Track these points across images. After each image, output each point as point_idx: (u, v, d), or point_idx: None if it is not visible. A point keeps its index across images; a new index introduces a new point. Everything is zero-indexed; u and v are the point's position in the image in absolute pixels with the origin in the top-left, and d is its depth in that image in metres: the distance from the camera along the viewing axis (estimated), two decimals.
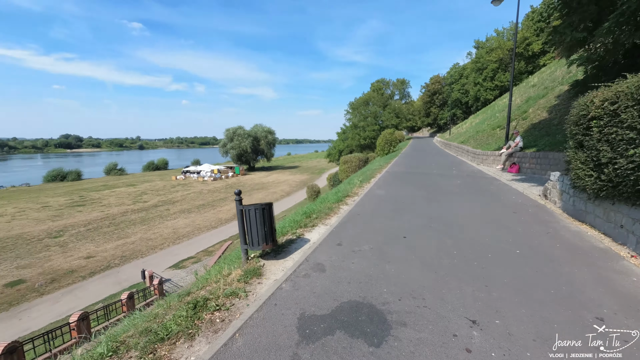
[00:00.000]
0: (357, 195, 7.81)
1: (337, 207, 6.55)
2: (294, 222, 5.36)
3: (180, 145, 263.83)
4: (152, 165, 75.82)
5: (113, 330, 2.81)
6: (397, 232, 4.75)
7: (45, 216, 31.58)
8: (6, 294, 16.70)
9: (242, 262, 3.75)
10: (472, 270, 3.42)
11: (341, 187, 9.54)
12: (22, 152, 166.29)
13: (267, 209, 3.69)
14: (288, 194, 44.93)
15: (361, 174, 13.24)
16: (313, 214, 5.86)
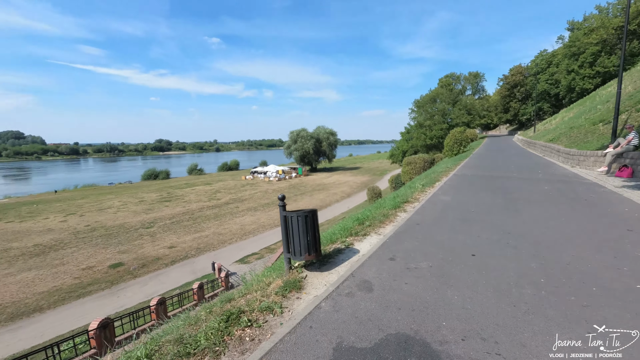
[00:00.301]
0: (417, 202, 7.08)
1: (394, 214, 5.97)
2: (344, 230, 5.00)
3: (250, 148, 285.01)
4: (225, 166, 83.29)
5: (156, 332, 2.84)
6: (463, 248, 4.03)
7: (140, 209, 36.90)
8: (110, 274, 19.83)
9: (285, 272, 3.55)
10: (568, 308, 2.61)
11: (400, 192, 8.82)
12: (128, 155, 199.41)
13: (310, 217, 3.42)
14: (349, 196, 44.62)
15: (425, 177, 12.18)
16: (366, 221, 5.42)
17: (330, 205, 39.24)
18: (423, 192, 8.35)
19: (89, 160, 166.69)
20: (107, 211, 36.21)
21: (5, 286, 17.82)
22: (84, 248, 24.09)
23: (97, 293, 17.53)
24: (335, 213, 34.40)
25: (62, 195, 50.01)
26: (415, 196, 7.66)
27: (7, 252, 23.11)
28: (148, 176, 66.81)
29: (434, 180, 10.44)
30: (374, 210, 6.31)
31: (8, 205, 40.86)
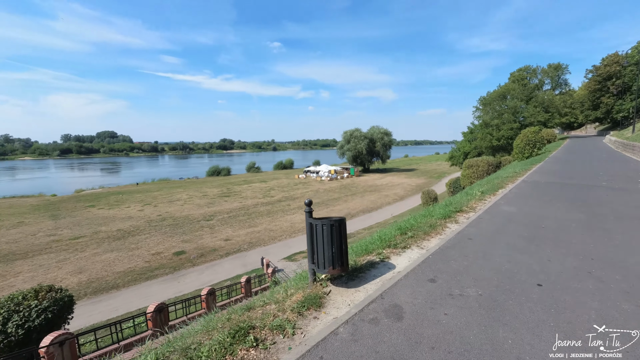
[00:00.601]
0: (473, 211, 6.20)
1: (443, 224, 5.28)
2: (381, 239, 4.52)
3: (305, 147, 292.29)
4: (280, 165, 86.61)
5: (174, 334, 2.79)
6: (527, 275, 3.29)
7: (203, 203, 40.16)
8: (173, 261, 21.85)
9: (309, 283, 3.27)
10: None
11: (454, 199, 7.89)
12: (196, 152, 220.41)
13: (336, 226, 3.07)
14: (401, 198, 42.74)
15: (487, 182, 10.80)
16: (409, 231, 4.86)
17: (382, 207, 38.01)
18: (482, 200, 7.33)
19: (165, 157, 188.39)
20: (175, 203, 40.17)
21: (93, 264, 20.76)
22: (154, 235, 26.96)
23: (162, 277, 19.39)
24: (386, 216, 33.18)
25: (142, 187, 57.07)
26: (472, 205, 6.74)
27: (97, 234, 26.98)
28: (212, 172, 72.68)
29: (496, 186, 9.18)
30: (420, 218, 5.66)
31: (101, 194, 47.99)
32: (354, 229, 28.89)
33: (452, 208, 6.30)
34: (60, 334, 6.75)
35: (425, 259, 3.79)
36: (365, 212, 35.75)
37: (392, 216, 32.61)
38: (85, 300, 16.58)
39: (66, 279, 18.60)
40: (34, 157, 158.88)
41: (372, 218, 33.05)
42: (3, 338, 7.08)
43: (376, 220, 31.71)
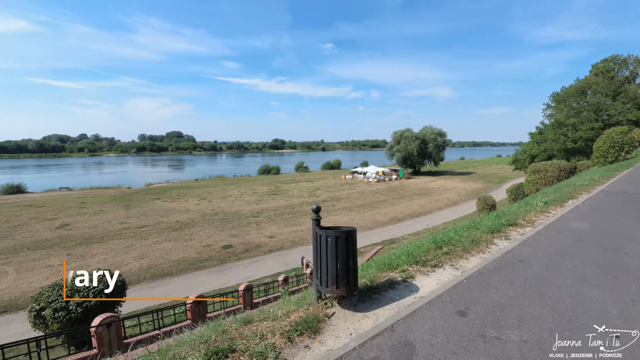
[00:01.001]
0: (531, 225, 5.19)
1: (489, 240, 4.46)
2: (409, 254, 3.93)
3: (354, 148, 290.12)
4: (328, 165, 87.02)
5: (167, 341, 2.64)
6: (597, 319, 2.50)
7: (252, 200, 41.96)
8: (221, 254, 23.05)
9: (313, 301, 2.89)
10: None
11: (510, 209, 6.78)
12: (250, 152, 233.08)
13: (342, 239, 2.65)
14: (454, 204, 39.74)
15: (554, 191, 9.20)
16: (445, 245, 4.17)
17: (431, 212, 35.75)
18: (544, 212, 6.16)
19: (223, 156, 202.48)
20: (228, 199, 42.61)
21: (153, 252, 22.82)
22: (207, 228, 28.80)
23: (209, 268, 20.53)
24: (435, 222, 31.07)
25: (200, 183, 61.82)
26: (530, 217, 5.68)
27: (159, 225, 29.71)
28: (262, 171, 75.90)
29: (565, 196, 7.72)
30: (462, 231, 4.89)
31: (166, 188, 53.05)
32: (400, 234, 27.57)
33: (504, 220, 5.36)
34: (108, 317, 7.30)
35: (458, 282, 3.14)
36: (413, 216, 33.96)
37: (443, 222, 30.42)
38: (144, 284, 18.25)
39: (130, 263, 20.67)
40: (116, 154, 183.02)
41: (420, 223, 31.26)
42: (65, 314, 7.92)
43: (424, 226, 29.90)
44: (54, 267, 19.83)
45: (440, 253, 3.95)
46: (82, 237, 25.60)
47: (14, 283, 17.61)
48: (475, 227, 5.12)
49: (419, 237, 24.93)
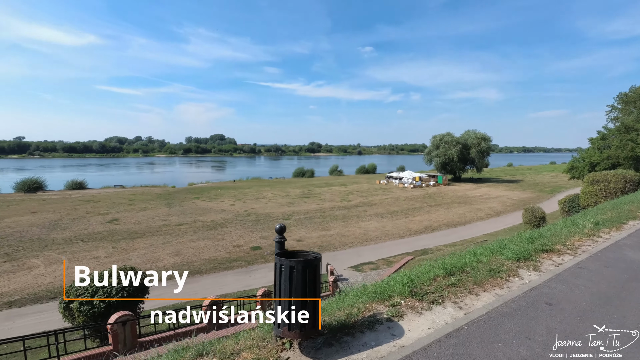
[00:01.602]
0: (571, 253, 4.30)
1: (511, 270, 3.72)
2: (407, 283, 3.35)
3: (391, 152, 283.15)
4: (363, 169, 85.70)
5: None
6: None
7: (285, 202, 42.48)
8: (249, 255, 23.45)
9: (272, 337, 2.49)
10: None
11: (550, 229, 5.76)
12: (287, 154, 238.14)
13: (298, 270, 2.22)
14: (497, 214, 36.71)
15: (612, 208, 7.78)
16: (455, 273, 3.54)
17: (471, 222, 33.35)
18: (593, 235, 5.13)
19: (261, 158, 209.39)
20: (261, 200, 43.60)
21: (187, 249, 23.88)
22: (239, 229, 29.59)
23: (237, 269, 20.95)
24: (474, 233, 28.88)
25: (237, 184, 64.21)
26: (573, 242, 4.74)
27: (195, 223, 31.15)
28: (297, 174, 76.90)
29: (625, 215, 6.45)
30: (481, 255, 4.16)
31: (205, 188, 55.82)
32: (434, 244, 26.00)
33: (538, 244, 4.51)
34: (123, 315, 7.54)
35: (456, 329, 2.55)
36: (449, 226, 31.95)
37: (483, 234, 28.14)
38: (174, 281, 19.09)
39: (165, 259, 21.79)
40: (166, 155, 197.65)
41: (457, 234, 29.27)
42: (90, 308, 8.37)
43: (461, 237, 27.94)
44: (100, 258, 21.54)
45: (447, 284, 3.34)
46: (127, 231, 27.62)
47: (67, 271, 19.36)
48: (499, 251, 4.36)
49: (455, 249, 23.32)
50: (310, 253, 2.38)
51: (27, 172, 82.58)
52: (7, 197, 44.56)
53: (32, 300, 16.03)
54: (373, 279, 19.19)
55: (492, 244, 4.91)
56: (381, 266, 21.52)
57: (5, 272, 19.00)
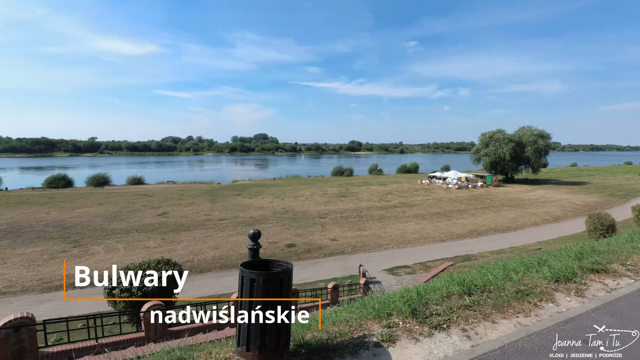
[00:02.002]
0: (631, 275, 3.50)
1: (546, 293, 3.10)
2: (412, 298, 2.92)
3: (436, 151, 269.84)
4: (404, 168, 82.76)
5: None
6: None
7: (321, 201, 42.58)
8: (284, 252, 23.84)
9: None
10: None
11: (609, 243, 4.82)
12: (327, 153, 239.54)
13: (259, 283, 1.98)
14: (556, 220, 32.96)
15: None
16: (474, 293, 3.03)
17: (523, 228, 30.41)
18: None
19: (302, 157, 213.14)
20: (299, 198, 44.21)
21: (227, 243, 24.97)
22: (275, 226, 30.26)
23: None
24: (527, 239, 26.26)
25: (277, 182, 65.97)
26: (635, 261, 3.87)
27: (235, 219, 32.52)
28: (335, 172, 76.78)
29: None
30: (512, 271, 3.54)
31: (247, 185, 58.20)
32: (478, 250, 24.13)
33: (588, 262, 3.75)
34: (154, 304, 7.97)
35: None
36: (497, 231, 29.45)
37: (536, 242, 25.43)
38: (214, 272, 20.05)
39: (206, 252, 23.00)
40: (213, 153, 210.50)
41: (505, 240, 26.88)
42: (128, 295, 9.02)
43: (511, 244, 25.59)
44: (150, 248, 23.41)
45: (459, 305, 2.86)
46: (175, 224, 29.74)
47: (121, 259, 21.35)
48: (535, 267, 3.70)
49: (502, 257, 21.38)
50: (283, 264, 2.14)
51: (98, 168, 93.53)
52: (79, 190, 50.84)
53: (91, 283, 17.91)
54: (408, 284, 18.30)
55: (530, 257, 4.21)
56: (417, 271, 20.48)
57: (73, 256, 21.50)
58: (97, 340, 7.37)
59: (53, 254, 21.64)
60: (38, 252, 21.94)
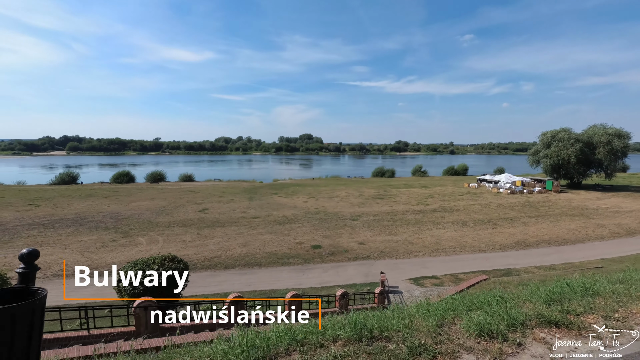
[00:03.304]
0: (596, 336, 2.56)
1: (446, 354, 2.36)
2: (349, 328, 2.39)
3: (491, 152, 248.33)
4: (451, 170, 77.51)
5: None
6: None
7: (356, 202, 41.75)
8: (309, 253, 23.72)
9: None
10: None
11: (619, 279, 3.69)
12: (372, 153, 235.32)
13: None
14: (629, 234, 28.07)
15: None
16: (501, 331, 2.40)
17: (584, 242, 26.46)
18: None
19: (345, 157, 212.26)
20: (334, 199, 43.92)
21: (255, 241, 25.64)
22: (305, 226, 30.36)
23: (294, 265, 21.42)
24: (587, 256, 22.79)
25: (315, 182, 66.43)
26: (626, 313, 2.84)
27: (268, 217, 33.36)
28: (376, 173, 74.88)
29: None
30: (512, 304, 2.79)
31: (286, 185, 59.56)
32: (523, 264, 21.55)
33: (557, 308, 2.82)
34: (146, 300, 8.34)
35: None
36: (551, 243, 26.03)
37: (598, 259, 21.82)
38: (237, 269, 20.67)
39: (234, 248, 23.85)
40: (260, 153, 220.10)
41: (560, 254, 23.65)
42: (132, 289, 9.58)
43: (566, 259, 22.44)
44: (185, 242, 25.01)
45: (455, 345, 2.25)
46: (212, 220, 31.48)
47: (159, 250, 23.11)
48: (555, 296, 2.87)
49: (552, 274, 18.75)
50: (37, 291, 1.70)
51: (161, 166, 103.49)
52: (139, 185, 56.73)
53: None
54: (432, 296, 16.87)
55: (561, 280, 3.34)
56: (446, 282, 18.87)
57: (120, 245, 23.88)
58: (89, 330, 7.91)
59: (104, 242, 24.28)
60: (94, 240, 24.81)
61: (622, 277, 4.36)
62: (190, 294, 15.41)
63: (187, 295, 14.75)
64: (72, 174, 55.28)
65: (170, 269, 10.33)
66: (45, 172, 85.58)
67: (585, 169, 48.87)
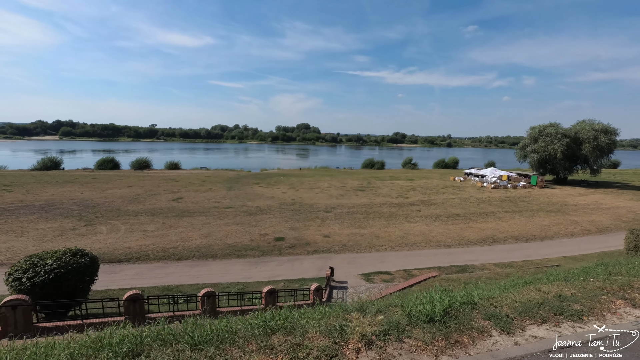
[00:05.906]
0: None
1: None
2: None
3: (488, 145, 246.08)
4: (441, 163, 76.77)
5: None
6: None
7: (336, 194, 41.23)
8: (269, 245, 23.32)
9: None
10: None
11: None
12: (368, 144, 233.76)
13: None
14: (601, 231, 27.65)
15: None
16: None
17: (553, 238, 26.09)
18: None
19: (342, 147, 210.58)
20: (314, 190, 43.42)
21: (218, 232, 25.25)
22: (276, 217, 29.95)
23: (249, 258, 21.09)
24: (550, 253, 22.49)
25: (302, 172, 65.78)
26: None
27: (241, 207, 32.93)
28: (366, 165, 74.23)
29: None
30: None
31: (271, 174, 58.97)
32: (482, 261, 21.24)
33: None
34: (14, 299, 7.94)
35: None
36: (519, 239, 25.68)
37: (562, 256, 21.43)
38: (190, 261, 20.33)
39: (195, 239, 23.47)
40: (257, 142, 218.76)
41: (524, 250, 23.35)
42: (18, 284, 9.20)
43: (528, 256, 22.17)
44: (147, 232, 24.63)
45: None
46: (182, 210, 31.05)
47: (117, 240, 22.78)
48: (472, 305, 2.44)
49: (509, 272, 18.40)
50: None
51: (157, 152, 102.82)
52: (121, 172, 56.29)
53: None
54: (377, 293, 16.55)
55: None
56: (397, 279, 18.57)
57: (79, 234, 23.54)
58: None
59: (64, 231, 23.97)
60: (54, 228, 24.50)
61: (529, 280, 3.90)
62: (117, 287, 15.14)
63: (101, 290, 14.45)
64: (55, 159, 54.86)
65: (69, 265, 9.96)
66: (33, 157, 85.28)
67: (571, 165, 48.12)
